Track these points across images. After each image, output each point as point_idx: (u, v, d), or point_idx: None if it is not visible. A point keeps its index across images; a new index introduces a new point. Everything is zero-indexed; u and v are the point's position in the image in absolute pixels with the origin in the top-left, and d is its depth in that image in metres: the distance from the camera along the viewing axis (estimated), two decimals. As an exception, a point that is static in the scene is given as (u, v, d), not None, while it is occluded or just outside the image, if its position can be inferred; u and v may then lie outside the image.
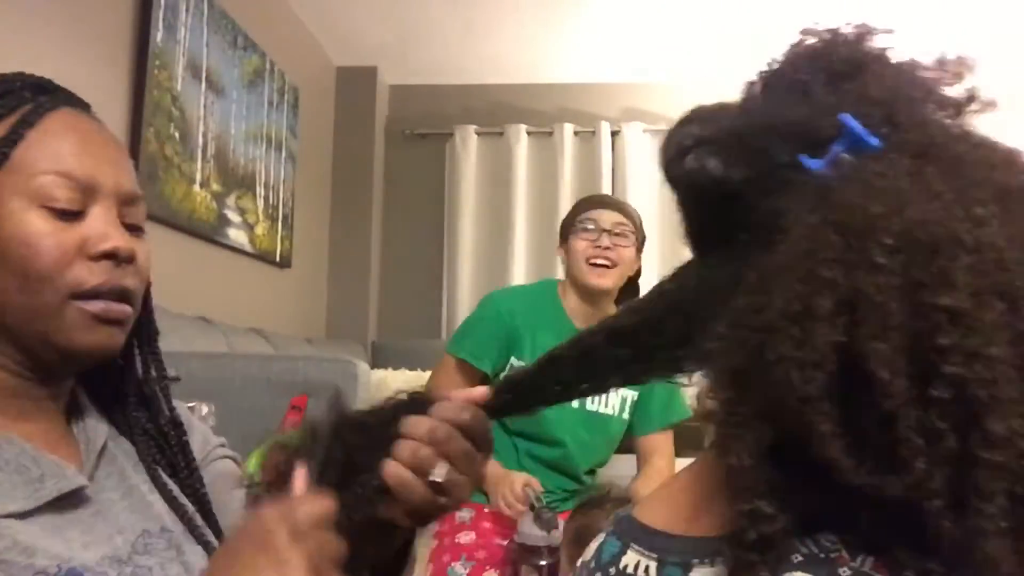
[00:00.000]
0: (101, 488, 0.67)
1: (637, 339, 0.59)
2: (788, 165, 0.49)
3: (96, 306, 0.66)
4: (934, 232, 0.43)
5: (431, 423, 0.60)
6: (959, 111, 0.51)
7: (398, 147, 4.10)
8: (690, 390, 1.77)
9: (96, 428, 0.70)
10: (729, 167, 0.52)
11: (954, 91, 0.51)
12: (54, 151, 0.67)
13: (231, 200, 2.86)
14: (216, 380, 1.89)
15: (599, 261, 1.73)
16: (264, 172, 3.13)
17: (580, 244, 1.77)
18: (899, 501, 0.42)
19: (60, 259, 0.65)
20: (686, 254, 0.59)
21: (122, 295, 0.68)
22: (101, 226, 0.67)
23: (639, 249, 1.82)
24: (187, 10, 2.51)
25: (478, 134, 4.00)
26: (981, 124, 0.52)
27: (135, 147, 2.24)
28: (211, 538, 0.73)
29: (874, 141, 0.47)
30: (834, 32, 0.53)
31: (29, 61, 1.90)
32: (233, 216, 2.88)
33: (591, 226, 1.76)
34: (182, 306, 2.33)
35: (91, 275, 0.66)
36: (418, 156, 4.08)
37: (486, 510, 1.71)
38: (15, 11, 1.79)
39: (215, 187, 2.73)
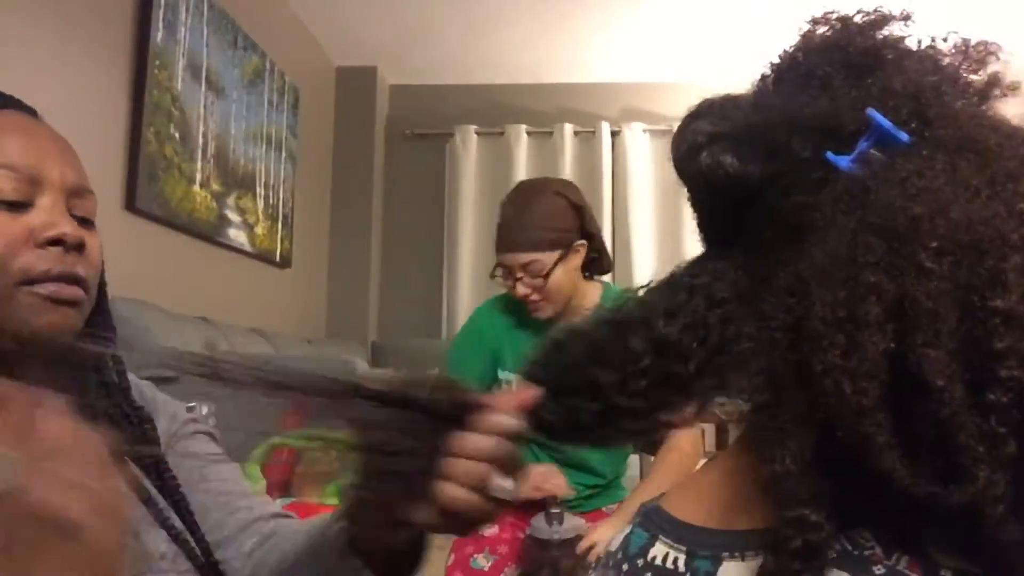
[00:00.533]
0: None
1: (690, 348, 0.54)
2: (811, 161, 0.48)
3: (47, 288, 0.67)
4: (980, 232, 0.42)
5: (482, 442, 0.55)
6: (985, 98, 0.50)
7: (398, 147, 4.10)
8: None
9: None
10: (747, 163, 0.51)
11: (977, 77, 0.50)
12: None
13: (231, 200, 2.86)
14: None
15: (529, 305, 1.70)
16: (264, 172, 3.13)
17: (508, 286, 1.73)
18: (961, 509, 0.41)
19: (7, 247, 0.66)
20: (684, 254, 0.57)
21: (73, 280, 0.69)
22: (47, 215, 0.68)
23: (568, 249, 1.68)
24: (187, 10, 2.51)
25: (478, 134, 4.00)
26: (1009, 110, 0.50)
27: (135, 147, 2.24)
28: (176, 521, 0.72)
29: (904, 137, 0.46)
30: (845, 20, 0.52)
31: (29, 61, 1.91)
32: (233, 216, 2.88)
33: (500, 272, 1.72)
34: (182, 306, 2.33)
35: (39, 261, 0.67)
36: (418, 156, 4.08)
37: None
38: (15, 11, 1.79)
39: (215, 187, 2.73)
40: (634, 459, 1.89)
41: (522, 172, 3.92)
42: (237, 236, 2.91)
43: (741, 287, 0.52)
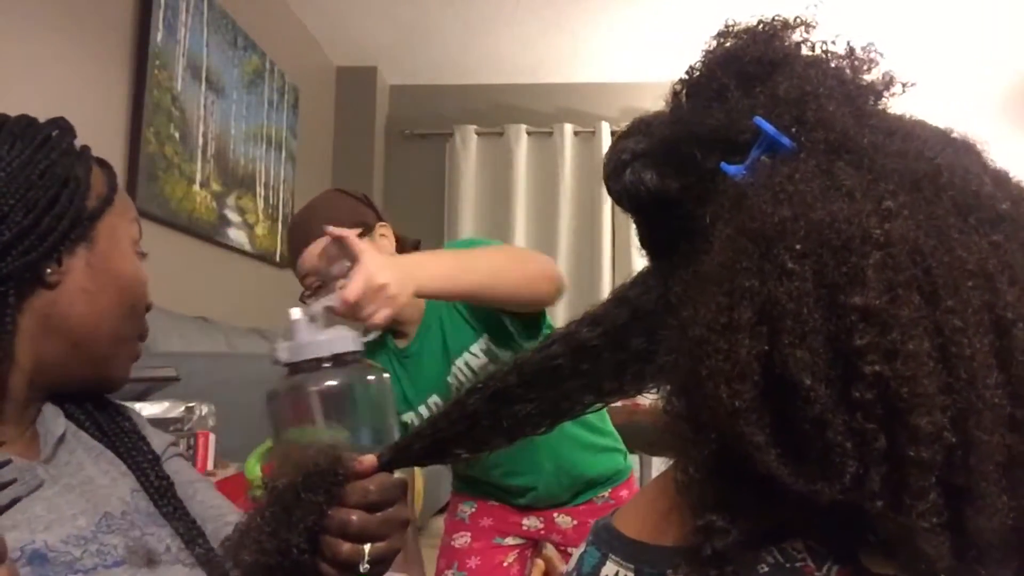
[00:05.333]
0: (60, 474, 0.68)
1: (602, 355, 0.58)
2: (715, 172, 0.49)
3: (139, 349, 0.77)
4: (843, 231, 0.42)
5: (347, 519, 0.61)
6: (878, 97, 0.50)
7: (398, 147, 4.11)
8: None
9: (55, 420, 0.72)
10: (664, 178, 0.53)
11: (872, 77, 0.50)
12: (123, 197, 0.76)
13: (231, 200, 2.86)
14: (216, 380, 1.89)
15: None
16: (264, 172, 3.13)
17: None
18: (845, 505, 0.41)
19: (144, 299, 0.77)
20: None
21: None
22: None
23: (368, 229, 1.45)
24: (187, 10, 2.51)
25: (478, 134, 4.00)
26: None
27: (135, 147, 2.24)
28: (177, 520, 0.75)
29: (786, 142, 0.47)
30: (750, 31, 0.53)
31: (29, 61, 1.91)
32: (233, 216, 2.88)
33: (312, 280, 1.45)
34: (182, 306, 2.33)
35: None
36: (418, 156, 4.08)
37: (491, 504, 1.69)
38: (15, 11, 1.79)
39: (215, 187, 2.73)
40: (633, 459, 1.88)
41: (522, 172, 3.93)
42: (237, 236, 2.91)
43: (667, 299, 0.53)
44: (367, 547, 0.61)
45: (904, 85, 0.51)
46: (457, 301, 1.37)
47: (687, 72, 0.54)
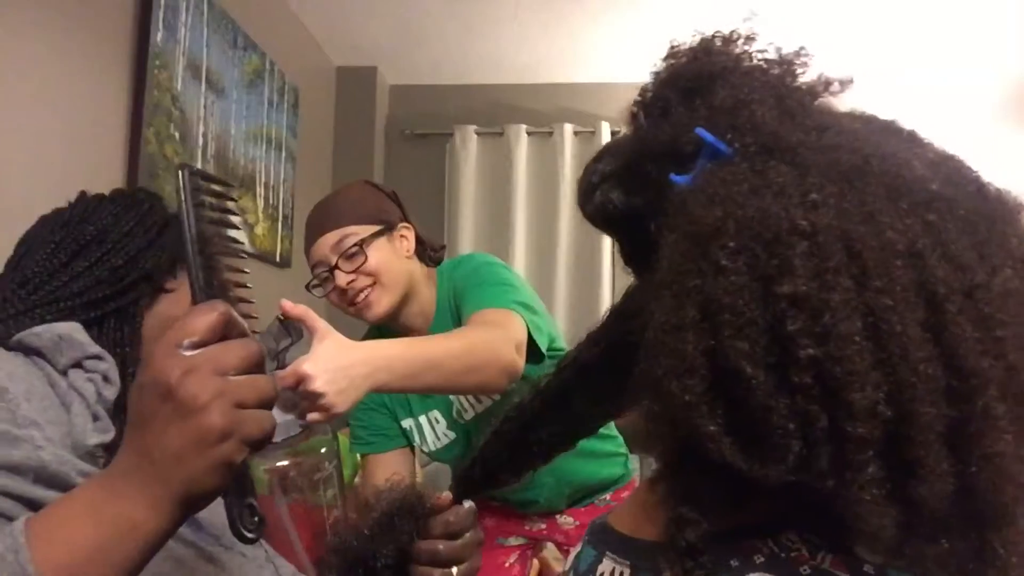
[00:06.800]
0: None
1: (604, 371, 0.61)
2: (668, 185, 0.51)
3: None
4: (771, 225, 0.45)
5: (435, 549, 0.73)
6: (815, 96, 0.53)
7: (398, 147, 4.10)
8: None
9: None
10: (630, 196, 0.56)
11: (808, 80, 0.53)
12: None
13: (231, 200, 2.86)
14: (216, 380, 1.88)
15: (357, 301, 1.47)
16: (264, 172, 3.13)
17: (331, 297, 1.49)
18: (797, 487, 0.43)
19: None
20: None
21: None
22: None
23: (389, 228, 1.52)
24: (187, 10, 2.51)
25: (478, 134, 4.00)
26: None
27: (135, 147, 2.24)
28: None
29: (724, 148, 0.49)
30: (691, 49, 0.56)
31: (29, 61, 1.91)
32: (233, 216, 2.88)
33: (321, 270, 1.48)
34: (182, 306, 2.33)
35: None
36: (418, 156, 4.08)
37: (493, 504, 1.69)
38: (15, 11, 1.79)
39: (215, 187, 2.73)
40: (632, 457, 1.88)
41: (522, 172, 3.93)
42: (237, 236, 2.91)
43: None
44: (454, 570, 0.74)
45: (843, 83, 0.53)
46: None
47: (640, 94, 0.58)
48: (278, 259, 3.27)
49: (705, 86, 0.53)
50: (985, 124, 3.59)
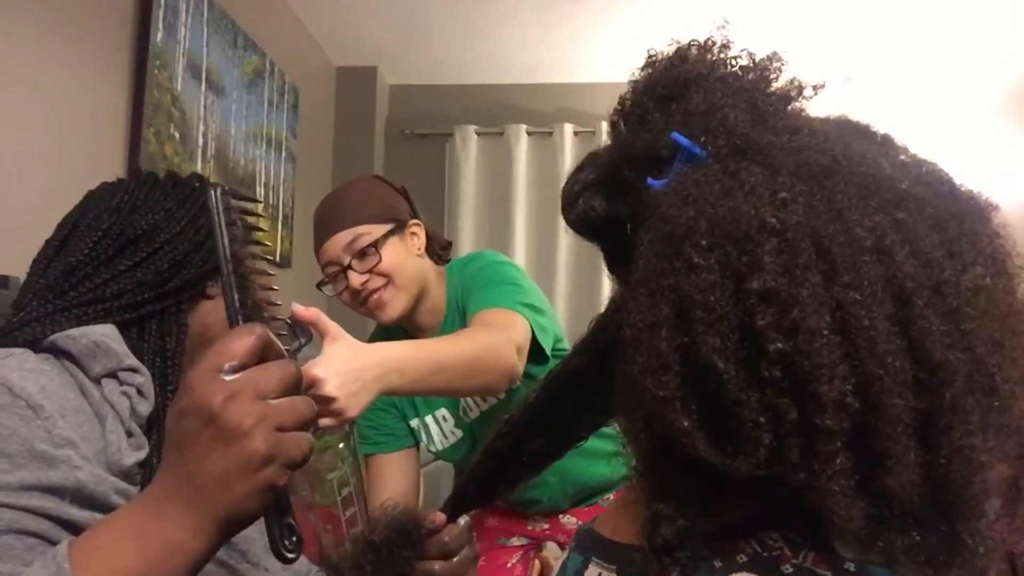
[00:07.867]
0: None
1: (592, 379, 0.62)
2: (647, 190, 0.52)
3: None
4: (742, 223, 0.45)
5: (432, 570, 0.74)
6: (788, 102, 0.54)
7: (398, 147, 4.10)
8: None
9: None
10: (611, 203, 0.57)
11: (781, 86, 0.54)
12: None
13: (231, 200, 2.86)
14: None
15: (370, 302, 1.46)
16: (264, 172, 3.13)
17: (342, 297, 1.48)
18: (768, 480, 0.44)
19: None
20: None
21: None
22: None
23: (400, 226, 1.48)
24: (187, 10, 2.51)
25: (478, 134, 4.00)
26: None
27: (135, 147, 2.24)
28: None
29: (698, 151, 0.50)
30: (666, 58, 0.57)
31: (29, 61, 1.91)
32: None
33: (333, 270, 1.48)
34: (182, 306, 2.33)
35: None
36: (418, 156, 4.08)
37: (497, 504, 1.69)
38: (14, 11, 1.79)
39: (215, 187, 2.73)
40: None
41: (522, 172, 3.93)
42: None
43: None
44: None
45: (815, 88, 0.54)
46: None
47: (619, 102, 0.59)
48: (278, 259, 3.27)
49: (681, 92, 0.54)
50: (985, 124, 3.59)
